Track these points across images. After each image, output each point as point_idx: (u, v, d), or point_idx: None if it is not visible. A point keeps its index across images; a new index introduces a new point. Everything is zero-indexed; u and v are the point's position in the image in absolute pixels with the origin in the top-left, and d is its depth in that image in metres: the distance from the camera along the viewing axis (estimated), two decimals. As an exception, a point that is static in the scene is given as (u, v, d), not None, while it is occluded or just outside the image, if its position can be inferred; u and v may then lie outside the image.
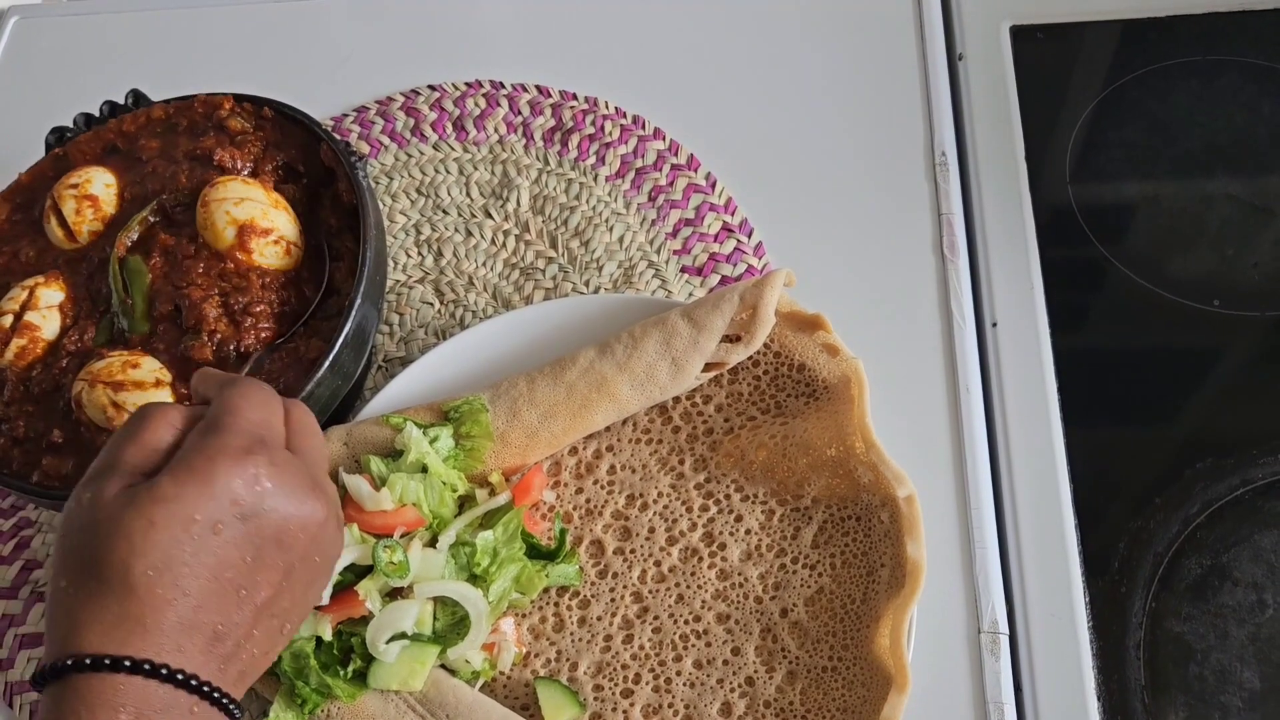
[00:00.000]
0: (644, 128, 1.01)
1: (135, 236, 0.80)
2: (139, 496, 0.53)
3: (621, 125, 1.01)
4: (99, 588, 0.51)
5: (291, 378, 0.75)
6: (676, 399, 0.81)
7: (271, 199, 0.80)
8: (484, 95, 1.04)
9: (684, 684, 0.72)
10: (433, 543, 0.73)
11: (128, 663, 0.50)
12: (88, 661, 0.50)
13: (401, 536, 0.72)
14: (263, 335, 0.77)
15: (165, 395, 0.74)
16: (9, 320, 0.78)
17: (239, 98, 0.86)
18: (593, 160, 0.99)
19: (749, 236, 0.94)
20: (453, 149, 1.01)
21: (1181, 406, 0.85)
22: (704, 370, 0.79)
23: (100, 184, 0.83)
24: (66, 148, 0.87)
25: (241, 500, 0.54)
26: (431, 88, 1.05)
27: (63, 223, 0.82)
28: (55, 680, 0.50)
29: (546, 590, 0.76)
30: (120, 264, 0.79)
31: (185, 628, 0.52)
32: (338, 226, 0.81)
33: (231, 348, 0.76)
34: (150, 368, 0.75)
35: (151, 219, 0.81)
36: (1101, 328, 0.90)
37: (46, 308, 0.79)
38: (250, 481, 0.55)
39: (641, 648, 0.74)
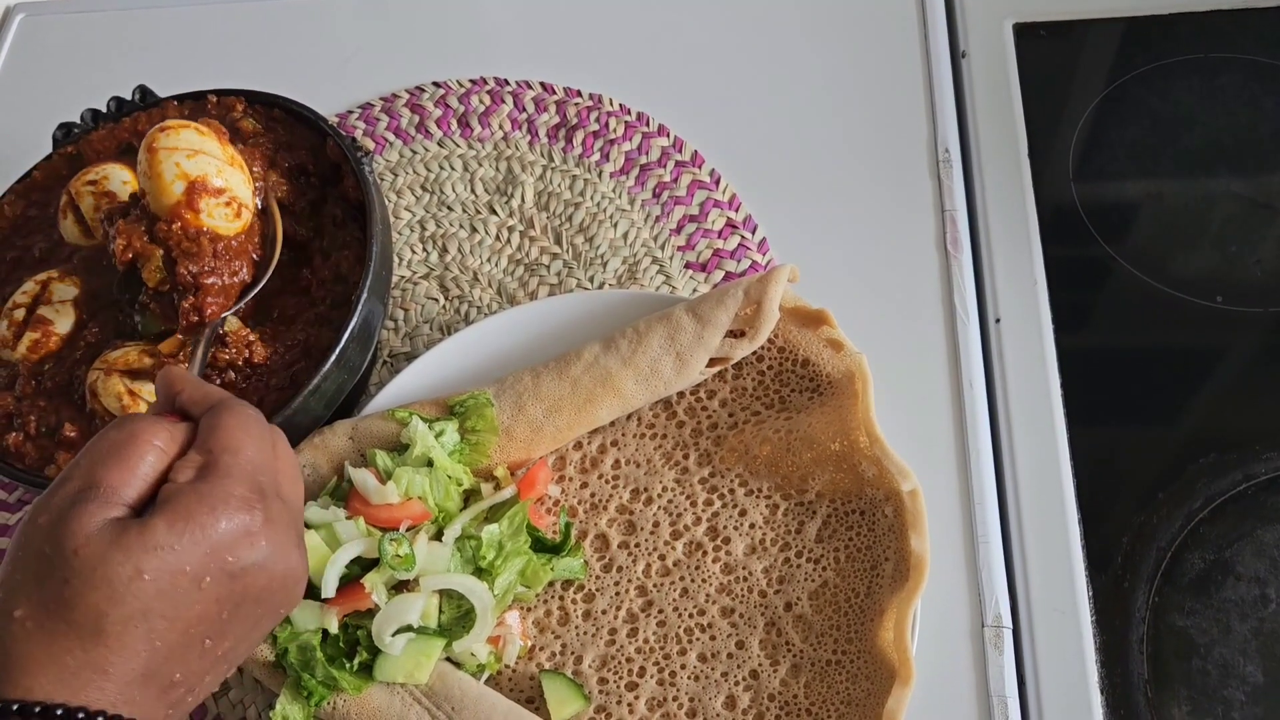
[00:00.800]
0: (648, 124, 1.01)
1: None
2: (128, 538, 0.48)
3: (626, 122, 1.01)
4: (65, 629, 0.47)
5: (300, 371, 0.75)
6: (681, 394, 0.82)
7: (227, 155, 0.74)
8: (488, 92, 1.04)
9: (688, 677, 0.72)
10: (438, 536, 0.74)
11: (81, 715, 0.46)
12: (37, 710, 0.45)
13: (407, 530, 0.73)
14: (209, 311, 0.72)
15: None
16: (21, 314, 0.78)
17: (249, 97, 0.87)
18: (597, 157, 0.99)
19: (753, 233, 0.94)
20: (457, 146, 1.02)
21: (1184, 402, 0.85)
22: (708, 365, 0.80)
23: (118, 181, 0.83)
24: (79, 145, 0.87)
25: (234, 556, 0.51)
26: (436, 84, 1.06)
27: (80, 219, 0.82)
28: None
29: (551, 584, 0.76)
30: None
31: (146, 677, 0.49)
32: (342, 217, 0.81)
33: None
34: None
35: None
36: (1104, 324, 0.90)
37: (60, 302, 0.79)
38: (246, 537, 0.51)
39: (646, 641, 0.74)
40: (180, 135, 0.73)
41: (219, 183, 0.73)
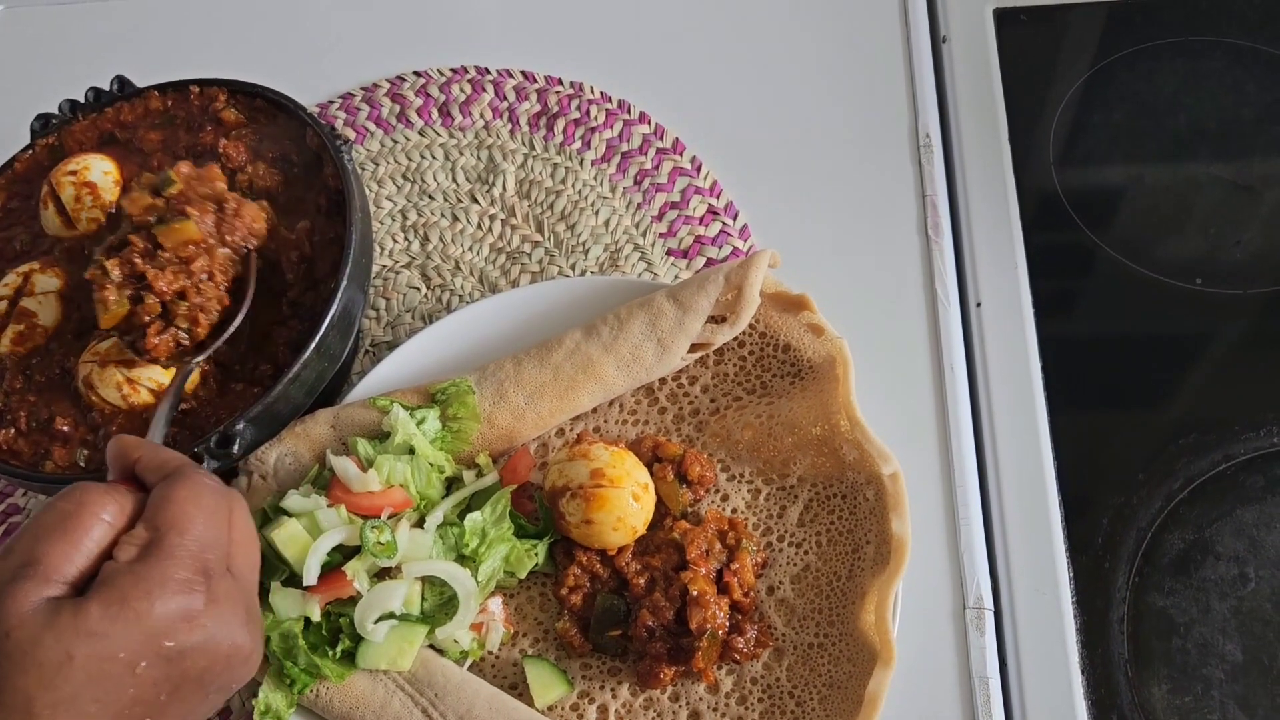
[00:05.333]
0: (629, 112, 1.01)
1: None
2: (61, 621, 0.47)
3: (607, 110, 1.01)
4: None
5: (280, 359, 0.75)
6: (663, 380, 0.82)
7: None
8: (469, 81, 1.04)
9: (671, 661, 0.73)
10: (420, 524, 0.74)
11: None
12: None
13: (389, 517, 0.72)
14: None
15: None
16: (3, 307, 0.78)
17: (232, 88, 0.86)
18: (578, 145, 0.99)
19: (734, 219, 0.94)
20: (438, 135, 1.02)
21: (1164, 383, 0.86)
22: (690, 351, 0.80)
23: (99, 171, 0.83)
24: (60, 136, 0.87)
25: (173, 639, 0.50)
26: (417, 74, 1.06)
27: (61, 210, 0.81)
28: None
29: (534, 570, 0.76)
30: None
31: None
32: (326, 207, 0.81)
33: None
34: None
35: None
36: (1085, 306, 0.90)
37: (43, 294, 0.78)
38: (186, 619, 0.50)
39: (629, 626, 0.74)
40: None
41: None
